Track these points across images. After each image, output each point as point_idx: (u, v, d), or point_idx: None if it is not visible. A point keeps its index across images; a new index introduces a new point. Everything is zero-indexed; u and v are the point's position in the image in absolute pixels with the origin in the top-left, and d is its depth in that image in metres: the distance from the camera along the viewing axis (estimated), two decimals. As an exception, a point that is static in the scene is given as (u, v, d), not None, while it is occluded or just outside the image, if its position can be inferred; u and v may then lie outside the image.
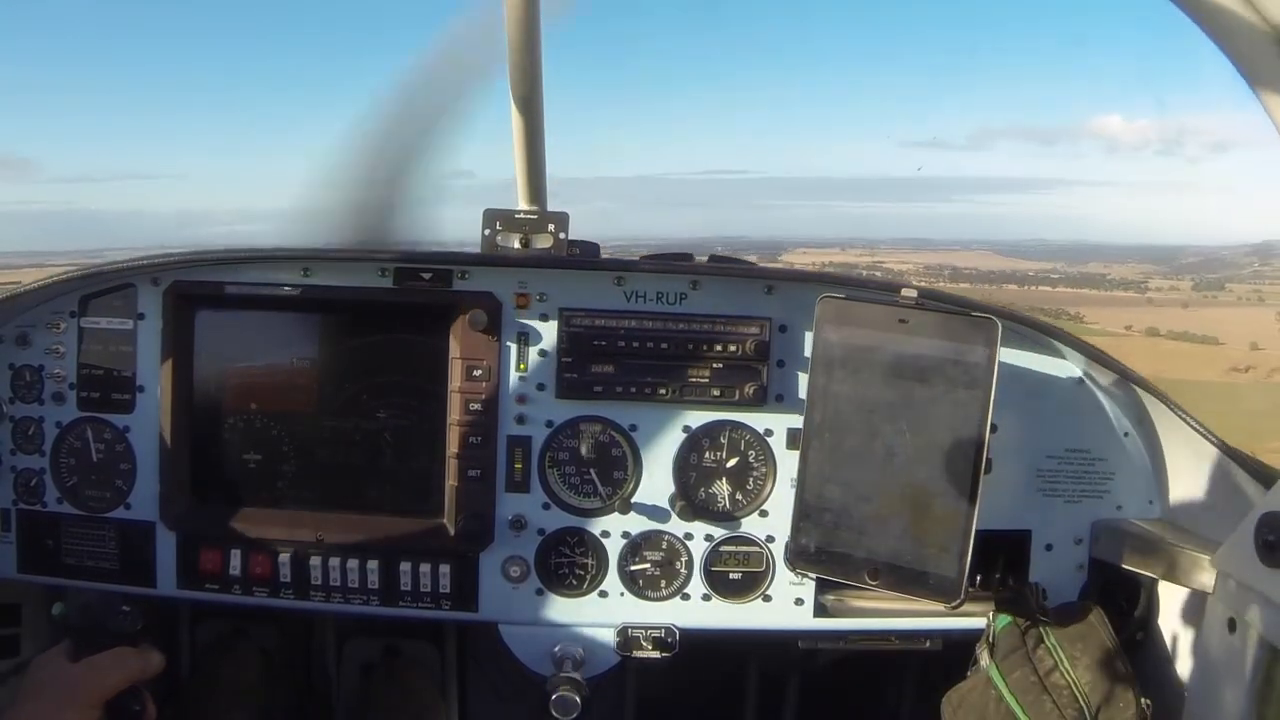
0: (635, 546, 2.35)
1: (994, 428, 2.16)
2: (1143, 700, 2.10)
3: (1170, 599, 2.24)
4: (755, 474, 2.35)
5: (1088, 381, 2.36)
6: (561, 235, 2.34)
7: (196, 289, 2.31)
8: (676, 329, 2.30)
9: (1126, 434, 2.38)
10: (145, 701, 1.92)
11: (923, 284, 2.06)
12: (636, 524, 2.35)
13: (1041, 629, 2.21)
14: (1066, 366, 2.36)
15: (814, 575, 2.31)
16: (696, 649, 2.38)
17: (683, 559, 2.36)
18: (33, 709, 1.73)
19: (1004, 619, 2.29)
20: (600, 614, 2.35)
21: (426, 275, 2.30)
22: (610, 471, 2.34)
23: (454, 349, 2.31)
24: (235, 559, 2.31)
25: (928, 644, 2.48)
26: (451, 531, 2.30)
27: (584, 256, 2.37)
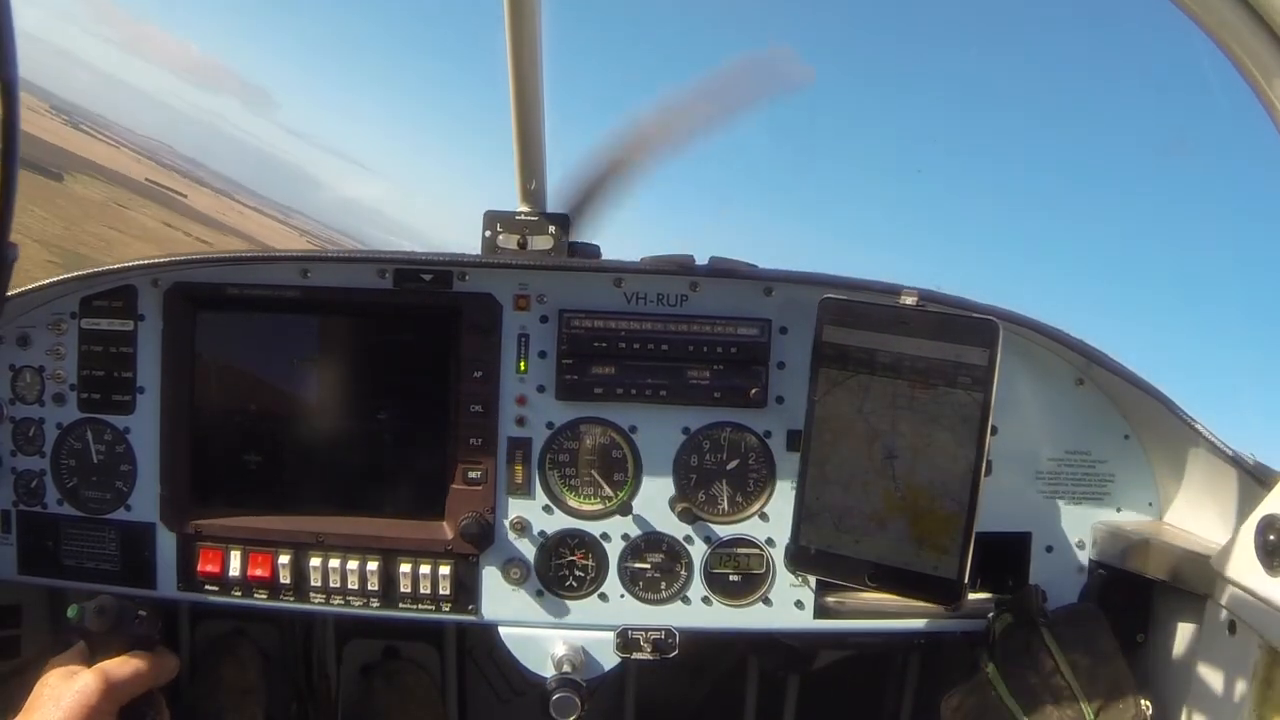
0: (635, 548, 2.35)
1: (994, 430, 2.16)
2: (1143, 703, 2.10)
3: (1170, 601, 2.24)
4: (755, 476, 2.35)
5: (1088, 383, 2.36)
6: (561, 237, 2.34)
7: (197, 290, 2.31)
8: (676, 330, 2.30)
9: (1127, 436, 2.38)
10: (160, 708, 1.92)
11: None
12: (636, 526, 2.34)
13: (1042, 631, 2.20)
14: (1067, 369, 2.36)
15: (814, 577, 2.31)
16: (696, 650, 2.38)
17: (683, 561, 2.35)
18: (47, 714, 1.71)
19: (1004, 621, 2.29)
20: (600, 616, 2.35)
21: (426, 277, 2.30)
22: (610, 473, 2.34)
23: (454, 350, 2.31)
24: (235, 560, 2.31)
25: (927, 646, 2.47)
26: (451, 534, 2.30)
27: (584, 258, 2.37)
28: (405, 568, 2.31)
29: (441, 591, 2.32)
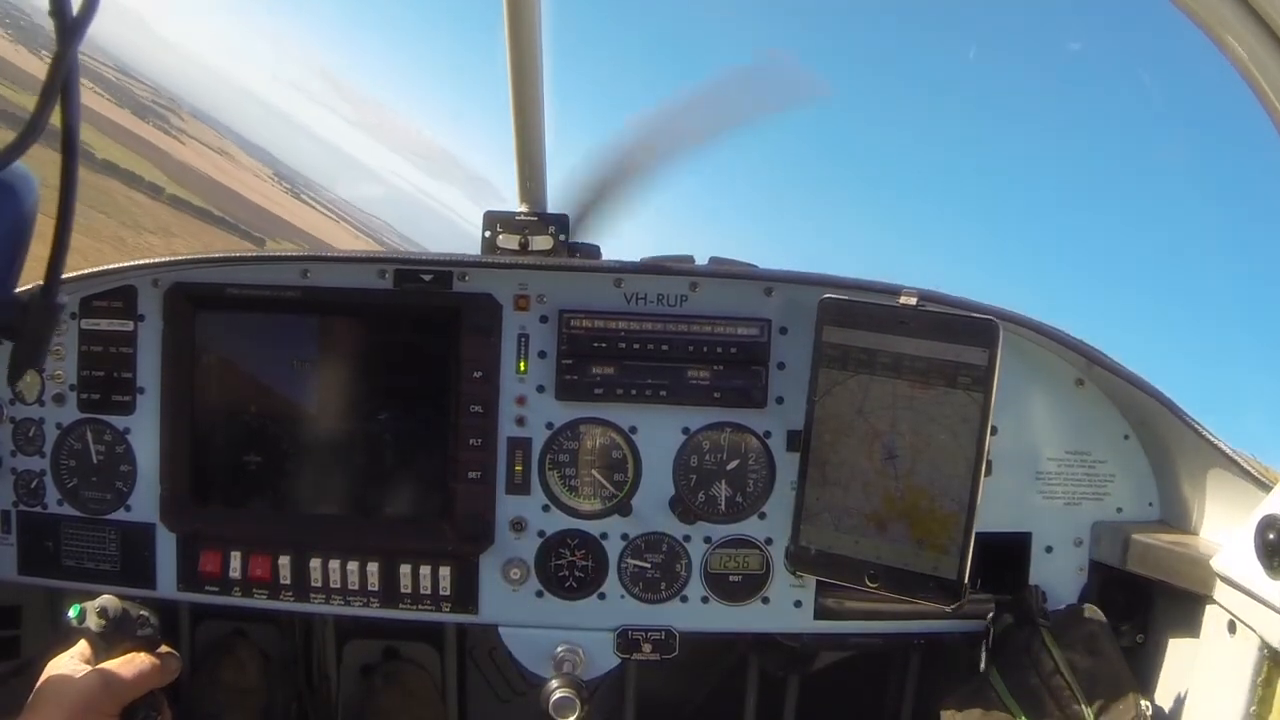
0: (635, 548, 2.35)
1: (994, 430, 2.16)
2: (1143, 703, 2.10)
3: (1170, 602, 2.24)
4: (755, 476, 2.35)
5: (1088, 384, 2.36)
6: (561, 237, 2.34)
7: (197, 290, 2.30)
8: (676, 330, 2.30)
9: (1126, 436, 2.37)
10: (162, 708, 1.92)
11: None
12: (636, 526, 2.34)
13: (1041, 631, 2.20)
14: (1066, 369, 2.36)
15: (814, 578, 2.31)
16: (696, 649, 2.38)
17: (682, 561, 2.35)
18: (49, 714, 1.71)
19: (1004, 621, 2.29)
20: (600, 616, 2.35)
21: (426, 277, 2.30)
22: (610, 473, 2.34)
23: (454, 351, 2.31)
24: (235, 561, 2.31)
25: (927, 646, 2.46)
26: (451, 534, 2.30)
27: (584, 258, 2.37)
28: (405, 568, 2.30)
29: (441, 592, 2.32)
